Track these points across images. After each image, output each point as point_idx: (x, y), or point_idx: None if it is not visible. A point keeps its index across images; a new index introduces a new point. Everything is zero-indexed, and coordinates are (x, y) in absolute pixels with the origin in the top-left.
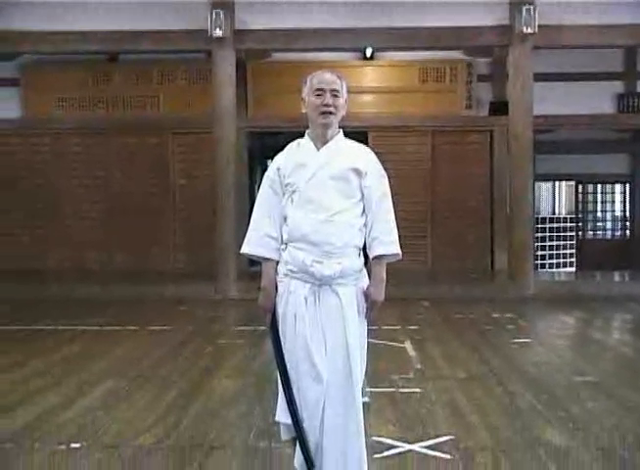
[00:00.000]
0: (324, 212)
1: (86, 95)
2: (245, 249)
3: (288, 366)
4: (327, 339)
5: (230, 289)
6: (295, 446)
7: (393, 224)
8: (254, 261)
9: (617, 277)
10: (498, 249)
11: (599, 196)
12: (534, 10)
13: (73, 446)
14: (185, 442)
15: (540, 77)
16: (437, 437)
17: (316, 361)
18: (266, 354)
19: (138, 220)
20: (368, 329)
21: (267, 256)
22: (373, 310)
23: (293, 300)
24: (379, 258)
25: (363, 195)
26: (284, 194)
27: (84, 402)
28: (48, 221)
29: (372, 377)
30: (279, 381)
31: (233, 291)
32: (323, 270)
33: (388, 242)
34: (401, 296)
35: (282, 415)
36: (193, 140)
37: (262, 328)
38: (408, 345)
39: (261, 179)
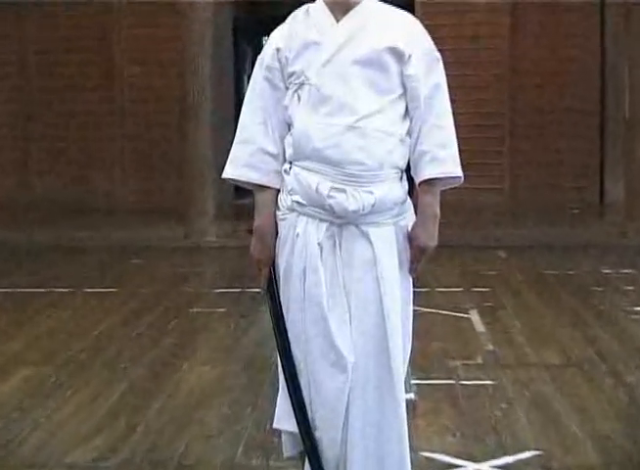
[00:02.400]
0: (347, 116)
1: None
2: (229, 172)
3: (293, 347)
4: (353, 306)
5: (206, 232)
6: (303, 465)
7: (452, 133)
8: (243, 190)
9: None
10: (610, 173)
11: None
12: None
13: None
14: (140, 459)
15: None
16: (518, 452)
17: (336, 339)
18: (261, 330)
19: (67, 131)
20: (414, 291)
21: (262, 181)
22: (420, 262)
23: (301, 247)
24: (430, 182)
25: (406, 89)
26: (287, 88)
27: None
28: None
29: (421, 363)
30: (279, 369)
31: (211, 235)
32: (346, 203)
33: (443, 158)
34: (465, 241)
35: (284, 421)
36: (151, 9)
37: (255, 290)
38: (475, 315)
39: (252, 68)
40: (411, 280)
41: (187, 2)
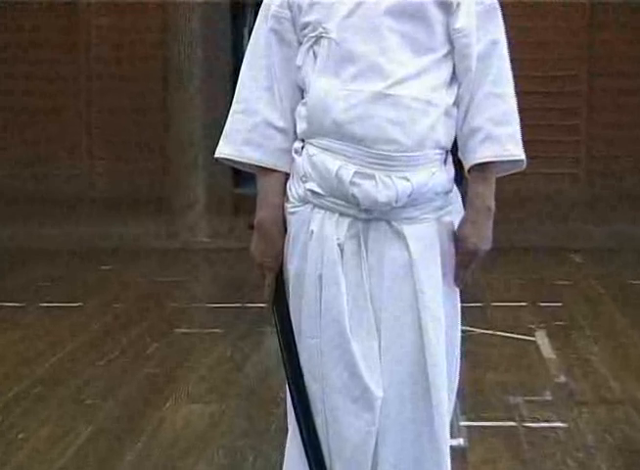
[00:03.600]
0: (377, 81)
1: None
2: (223, 150)
3: (307, 378)
4: (383, 325)
5: (196, 230)
6: None
7: (512, 103)
8: (244, 176)
9: None
10: None
11: None
12: None
13: None
14: None
15: None
16: None
17: (361, 369)
18: (265, 356)
19: (17, 99)
20: (462, 306)
21: (266, 162)
22: (470, 269)
23: (316, 249)
24: (483, 167)
25: (453, 46)
26: (299, 44)
27: None
28: None
29: (472, 399)
30: (289, 407)
31: (202, 234)
32: (375, 192)
33: (500, 136)
34: (528, 242)
35: None
36: None
37: (259, 305)
38: (542, 338)
39: (254, 20)
40: (458, 292)
41: None
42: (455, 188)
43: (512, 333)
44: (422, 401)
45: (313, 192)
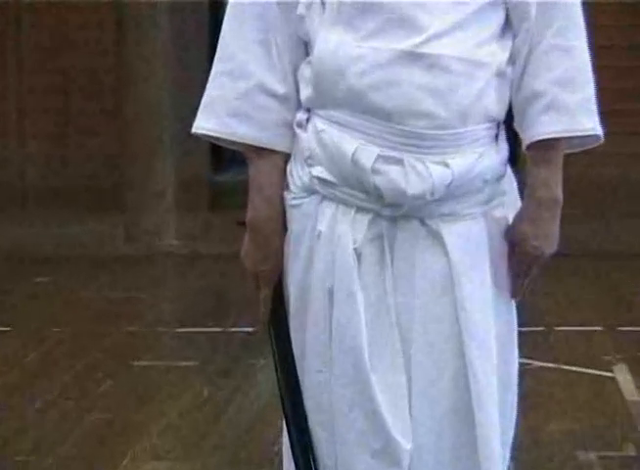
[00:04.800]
0: (406, 35)
1: None
2: (203, 124)
3: (312, 424)
4: (414, 356)
5: (163, 231)
6: None
7: (584, 60)
8: (226, 157)
9: None
10: None
11: None
12: None
13: None
14: None
15: None
16: None
17: (384, 413)
18: (255, 398)
19: None
20: (519, 331)
21: (260, 140)
22: (529, 279)
23: (326, 255)
24: (547, 145)
25: None
26: None
27: None
28: None
29: (533, 454)
30: (286, 465)
31: (169, 235)
32: (404, 182)
33: (569, 105)
34: (606, 245)
35: None
36: None
37: (246, 330)
38: (624, 373)
39: None
40: (514, 311)
41: None
42: (509, 172)
43: (583, 367)
44: (465, 458)
45: (322, 179)
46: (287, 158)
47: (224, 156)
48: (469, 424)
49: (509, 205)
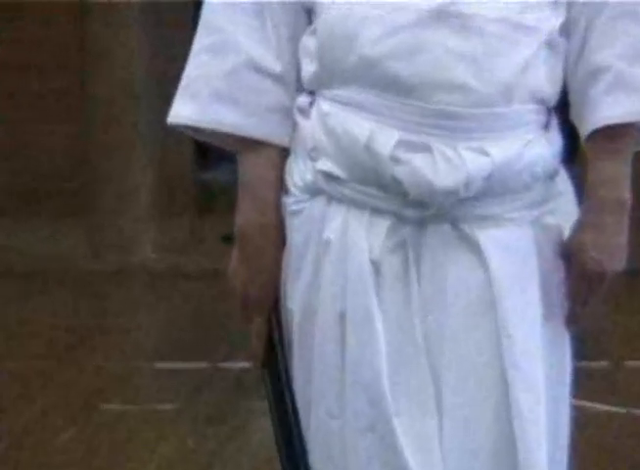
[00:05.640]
0: None
1: None
2: (183, 110)
3: None
4: (446, 391)
5: (137, 243)
6: None
7: None
8: (213, 152)
9: None
10: None
11: None
12: None
13: None
14: None
15: None
16: None
17: (410, 463)
18: (246, 448)
19: None
20: (576, 367)
21: (255, 130)
22: (589, 301)
23: (336, 269)
24: (614, 133)
25: None
26: None
27: None
28: None
29: None
30: None
31: (145, 249)
32: (432, 173)
33: (638, 85)
34: None
35: None
36: None
37: (238, 365)
38: None
39: None
40: (568, 342)
41: None
42: (563, 170)
43: None
44: None
45: (329, 175)
46: (284, 153)
47: (211, 151)
48: None
49: (563, 211)
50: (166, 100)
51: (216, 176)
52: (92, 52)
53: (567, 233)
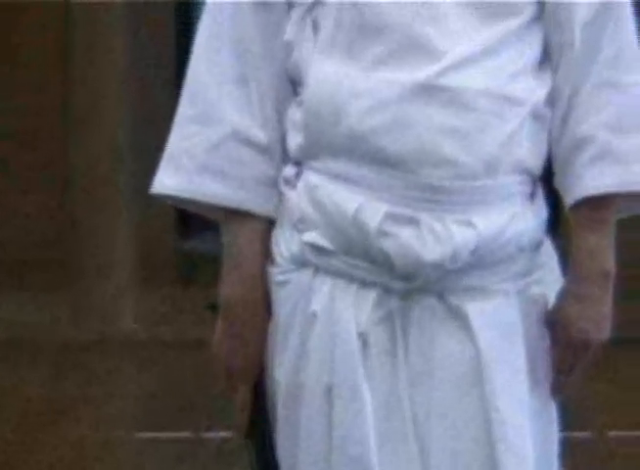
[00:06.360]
0: (420, 64)
1: None
2: (167, 181)
3: None
4: (434, 464)
5: (117, 312)
6: None
7: None
8: (196, 222)
9: None
10: None
11: None
12: None
13: None
14: None
15: None
16: None
17: None
18: None
19: None
20: (563, 436)
21: (240, 201)
22: (576, 371)
23: (323, 343)
24: (598, 204)
25: (543, 8)
26: (290, 8)
27: None
28: None
29: None
30: None
31: (126, 319)
32: (419, 246)
33: (622, 152)
34: None
35: None
36: None
37: (221, 435)
38: None
39: None
40: (554, 412)
41: None
42: (549, 243)
43: None
44: None
45: (316, 247)
46: (268, 223)
47: (193, 221)
48: None
49: (548, 281)
50: (146, 167)
51: (198, 245)
52: (73, 109)
53: (552, 302)
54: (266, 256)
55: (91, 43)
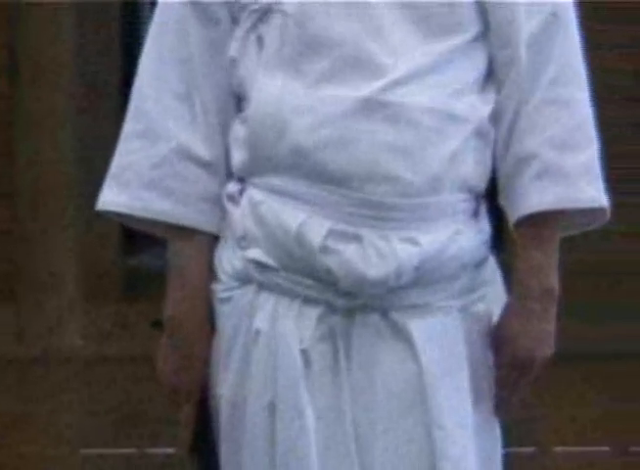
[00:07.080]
0: (364, 80)
1: None
2: (112, 198)
3: None
4: None
5: (62, 328)
6: None
7: (585, 115)
8: (140, 239)
9: None
10: None
11: None
12: None
13: None
14: None
15: None
16: None
17: None
18: None
19: None
20: (507, 452)
21: (184, 218)
22: (518, 389)
23: (265, 359)
24: (540, 221)
25: (488, 25)
26: (234, 24)
27: None
28: None
29: None
30: None
31: (71, 334)
32: (362, 264)
33: (566, 169)
34: (613, 347)
35: None
36: None
37: (165, 450)
38: None
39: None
40: (498, 429)
41: None
42: (492, 259)
43: None
44: None
45: (259, 264)
46: (213, 240)
47: (139, 232)
48: None
49: (492, 298)
50: (91, 184)
51: (143, 261)
52: (19, 129)
53: (496, 318)
54: (211, 272)
55: (38, 55)
